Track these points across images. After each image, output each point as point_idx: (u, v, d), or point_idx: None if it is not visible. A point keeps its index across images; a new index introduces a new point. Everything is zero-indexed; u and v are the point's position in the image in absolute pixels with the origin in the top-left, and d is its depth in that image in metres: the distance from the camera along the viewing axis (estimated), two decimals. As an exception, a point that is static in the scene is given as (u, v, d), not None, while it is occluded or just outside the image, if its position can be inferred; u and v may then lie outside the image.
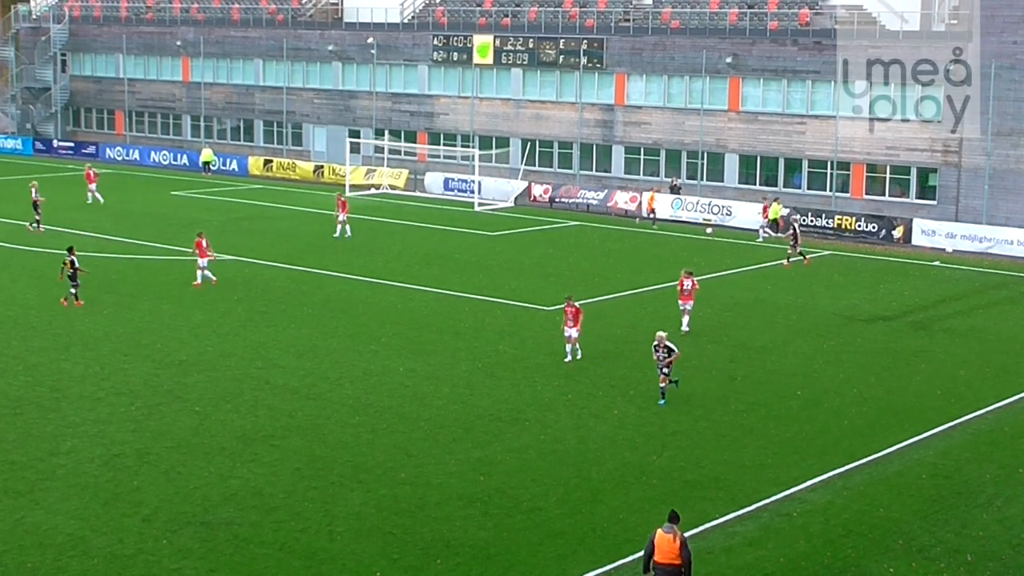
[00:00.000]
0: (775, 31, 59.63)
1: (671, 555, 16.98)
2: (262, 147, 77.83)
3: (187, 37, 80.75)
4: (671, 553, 16.97)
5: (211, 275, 40.14)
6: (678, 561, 16.96)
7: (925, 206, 55.00)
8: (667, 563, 17.03)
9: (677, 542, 16.97)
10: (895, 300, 40.81)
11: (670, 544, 16.98)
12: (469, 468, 23.71)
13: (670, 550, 16.98)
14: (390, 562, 19.50)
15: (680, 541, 17.00)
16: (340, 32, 74.63)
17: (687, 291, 34.59)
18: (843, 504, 22.25)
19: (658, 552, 17.09)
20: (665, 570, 17.05)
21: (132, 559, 19.41)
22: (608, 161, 64.78)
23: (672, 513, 17.43)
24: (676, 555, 16.95)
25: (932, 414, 27.80)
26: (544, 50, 66.23)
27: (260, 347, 32.56)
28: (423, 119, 71.10)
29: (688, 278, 34.70)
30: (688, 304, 34.68)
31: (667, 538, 17.04)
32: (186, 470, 23.30)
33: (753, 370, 31.41)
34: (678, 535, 17.04)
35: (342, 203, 51.28)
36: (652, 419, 27.05)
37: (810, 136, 58.60)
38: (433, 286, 41.04)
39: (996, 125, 53.07)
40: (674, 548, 16.95)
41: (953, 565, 19.75)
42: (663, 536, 17.09)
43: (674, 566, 16.98)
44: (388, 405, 27.69)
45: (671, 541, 16.99)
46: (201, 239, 40.25)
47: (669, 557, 17.00)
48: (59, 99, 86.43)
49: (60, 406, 27.15)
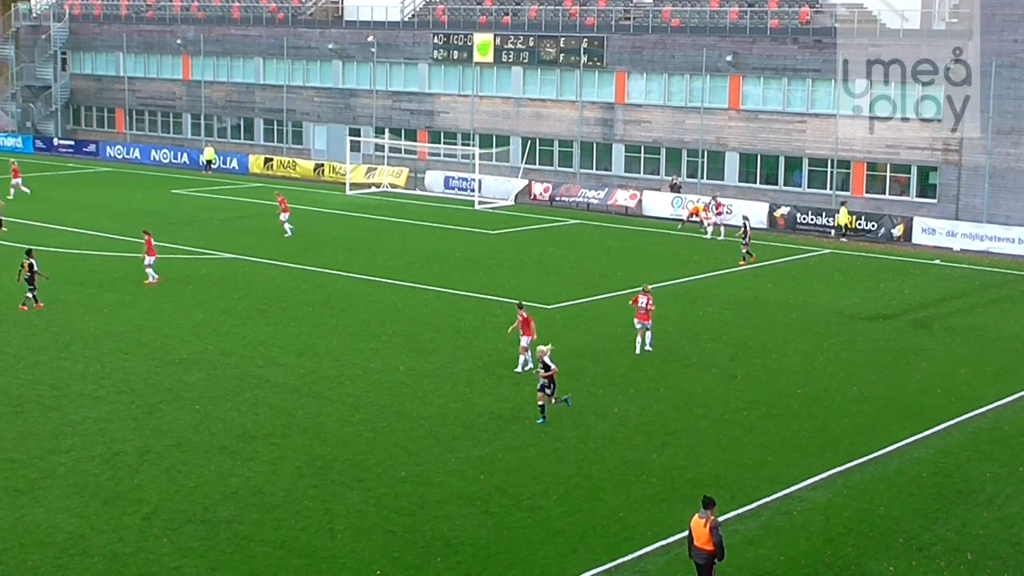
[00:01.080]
0: (775, 30, 59.61)
1: (705, 539, 17.56)
2: (262, 145, 77.81)
3: (187, 35, 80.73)
4: (705, 537, 17.56)
5: (154, 274, 39.63)
6: (711, 546, 17.55)
7: (925, 205, 54.99)
8: (703, 547, 17.62)
9: (708, 527, 17.50)
10: (895, 298, 40.81)
11: (703, 529, 17.57)
12: (469, 466, 23.72)
13: (703, 535, 17.57)
14: (390, 560, 19.50)
15: (711, 525, 17.50)
16: (340, 30, 74.62)
17: (643, 309, 32.17)
18: (843, 502, 22.25)
19: (695, 537, 17.70)
20: (703, 554, 17.64)
21: (132, 557, 19.42)
22: (608, 160, 64.76)
23: (705, 499, 17.87)
24: (708, 539, 17.52)
25: (932, 412, 27.80)
26: (544, 48, 66.21)
27: (260, 345, 32.57)
28: (423, 117, 71.08)
29: (644, 295, 32.39)
30: (644, 323, 32.22)
31: (700, 523, 17.64)
32: (186, 468, 23.30)
33: (753, 368, 31.42)
34: (710, 520, 17.57)
35: (282, 201, 51.10)
36: (652, 417, 27.06)
37: (810, 135, 58.58)
38: (433, 284, 41.05)
39: (996, 124, 53.05)
40: (706, 533, 17.52)
41: (953, 564, 19.75)
42: (697, 522, 17.69)
43: (709, 551, 17.59)
44: (388, 403, 27.70)
45: (703, 526, 17.56)
46: (149, 237, 39.96)
47: (703, 541, 17.59)
48: (59, 97, 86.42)
49: (60, 404, 27.16)
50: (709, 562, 17.64)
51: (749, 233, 46.59)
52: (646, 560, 19.70)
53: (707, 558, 17.62)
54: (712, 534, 17.44)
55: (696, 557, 17.75)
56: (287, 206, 50.83)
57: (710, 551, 17.53)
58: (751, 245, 46.59)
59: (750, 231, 46.85)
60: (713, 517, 17.63)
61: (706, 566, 17.69)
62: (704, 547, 17.56)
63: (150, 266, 39.78)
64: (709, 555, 17.58)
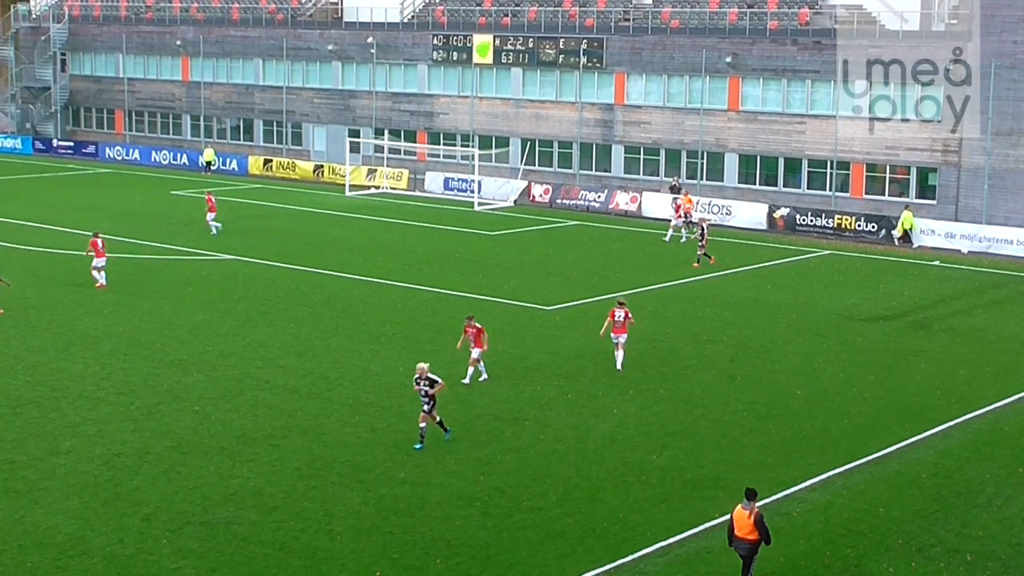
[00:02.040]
0: (775, 31, 59.61)
1: (747, 530, 18.25)
2: (262, 147, 77.80)
3: (187, 36, 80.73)
4: (746, 528, 18.25)
5: (99, 276, 39.15)
6: (753, 536, 18.22)
7: (925, 206, 54.99)
8: (744, 537, 18.31)
9: (752, 518, 18.17)
10: (895, 300, 40.82)
11: (746, 520, 18.25)
12: (469, 467, 23.71)
13: (746, 526, 18.25)
14: (390, 561, 19.50)
15: (755, 516, 18.20)
16: (340, 32, 74.61)
17: (619, 323, 30.78)
18: (843, 503, 22.25)
19: (737, 527, 18.38)
20: (743, 544, 18.34)
21: (132, 558, 19.42)
22: (608, 161, 64.76)
23: (748, 490, 18.59)
24: (751, 530, 18.21)
25: (932, 413, 27.80)
26: (544, 50, 66.21)
27: (260, 347, 32.56)
28: (423, 119, 71.08)
29: (620, 308, 30.98)
30: (621, 337, 30.72)
31: (744, 514, 18.31)
32: (186, 470, 23.30)
33: (753, 369, 31.41)
34: (754, 511, 18.26)
35: (209, 199, 51.07)
36: (652, 418, 27.05)
37: (810, 136, 58.58)
38: (433, 286, 41.04)
39: (995, 125, 53.06)
40: (749, 523, 18.19)
41: (953, 565, 19.76)
42: (741, 512, 18.37)
43: (750, 540, 18.27)
44: (388, 405, 27.69)
45: (747, 517, 18.24)
46: (97, 239, 39.62)
47: (746, 531, 18.28)
48: (59, 99, 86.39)
49: (60, 405, 27.15)
50: (751, 552, 18.34)
51: (706, 235, 45.94)
52: (646, 561, 19.70)
53: (749, 548, 18.30)
54: (758, 523, 18.15)
55: (737, 547, 18.40)
56: (214, 206, 50.86)
57: (752, 541, 18.24)
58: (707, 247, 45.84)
59: (707, 233, 46.14)
60: (756, 508, 18.33)
61: (748, 557, 18.38)
62: (746, 537, 18.24)
63: (99, 268, 39.21)
64: (751, 545, 18.27)
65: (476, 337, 29.34)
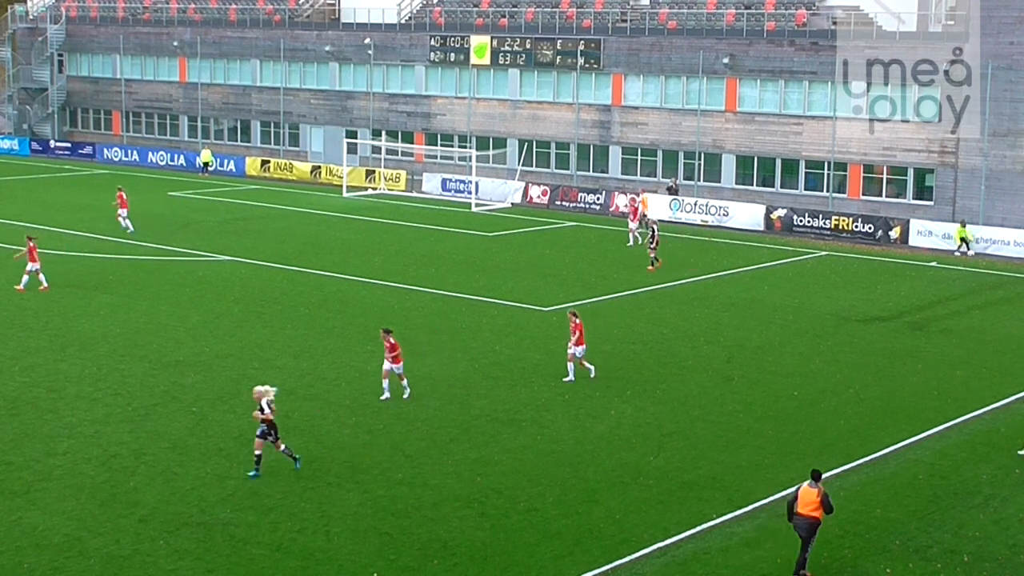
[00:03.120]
0: (772, 32, 59.66)
1: (811, 507, 18.96)
2: (259, 148, 77.79)
3: (184, 37, 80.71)
4: (812, 505, 18.95)
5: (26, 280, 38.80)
6: (816, 514, 18.94)
7: (922, 207, 55.05)
8: (807, 515, 18.98)
9: (819, 497, 18.91)
10: (892, 300, 40.84)
11: (812, 498, 18.96)
12: (466, 468, 23.71)
13: (811, 503, 18.95)
14: (387, 563, 19.50)
15: (821, 496, 18.93)
16: (337, 32, 74.61)
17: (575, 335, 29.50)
18: (840, 504, 22.14)
19: (800, 504, 19.05)
20: (805, 521, 18.99)
21: (129, 560, 19.40)
22: (605, 162, 64.78)
23: (814, 472, 19.46)
24: (817, 507, 18.92)
25: (929, 414, 27.81)
26: (541, 51, 66.24)
27: (257, 347, 32.55)
28: (420, 119, 71.09)
29: (573, 319, 29.82)
30: (578, 349, 29.57)
31: (811, 492, 19.04)
32: (183, 470, 23.29)
33: (750, 370, 31.42)
34: (821, 490, 19.03)
35: (120, 196, 50.87)
36: (649, 420, 27.05)
37: (807, 137, 58.63)
38: (430, 286, 41.03)
39: (993, 126, 53.12)
40: (815, 501, 18.91)
41: (950, 566, 19.77)
42: (808, 490, 19.11)
43: (812, 518, 18.95)
44: (385, 405, 27.67)
45: (815, 495, 18.96)
46: (31, 242, 39.16)
47: (809, 509, 18.98)
48: (56, 100, 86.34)
49: (57, 407, 27.13)
50: (811, 532, 18.88)
51: (657, 239, 45.22)
52: (643, 562, 19.70)
53: (809, 527, 18.87)
54: (823, 501, 18.89)
55: (797, 523, 18.98)
56: (125, 202, 50.75)
57: (814, 519, 18.86)
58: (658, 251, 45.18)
59: (658, 236, 45.33)
60: (823, 489, 19.03)
61: (807, 537, 18.91)
62: (809, 514, 18.87)
63: (34, 272, 38.70)
64: (811, 523, 18.86)
65: (391, 351, 27.74)
